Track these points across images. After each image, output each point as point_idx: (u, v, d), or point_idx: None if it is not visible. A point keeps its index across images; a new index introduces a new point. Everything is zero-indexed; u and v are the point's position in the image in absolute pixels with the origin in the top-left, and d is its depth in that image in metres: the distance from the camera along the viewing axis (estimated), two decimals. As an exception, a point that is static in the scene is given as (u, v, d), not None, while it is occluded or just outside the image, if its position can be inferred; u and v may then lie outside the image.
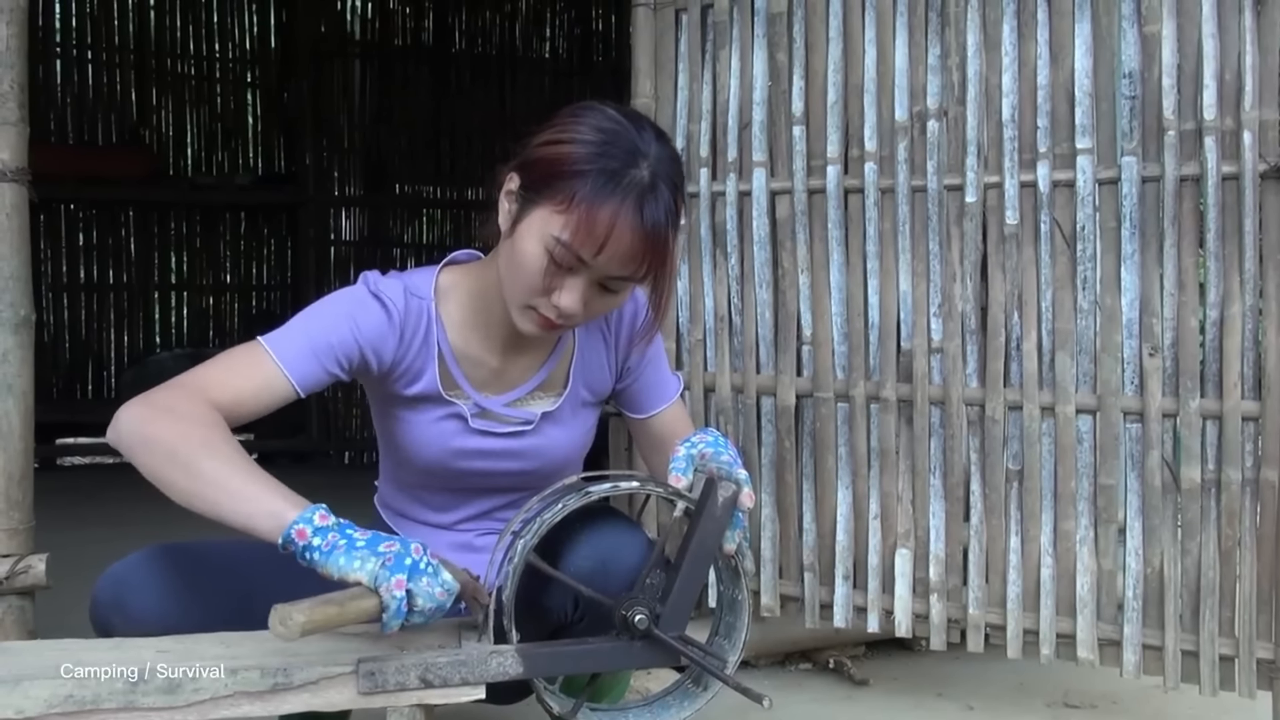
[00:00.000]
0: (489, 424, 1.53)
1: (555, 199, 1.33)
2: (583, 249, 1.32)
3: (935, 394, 1.99)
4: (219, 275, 6.08)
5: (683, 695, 1.48)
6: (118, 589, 1.33)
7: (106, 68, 5.80)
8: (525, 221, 1.37)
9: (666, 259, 1.37)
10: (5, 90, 1.78)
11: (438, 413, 1.51)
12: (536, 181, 1.36)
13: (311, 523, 1.19)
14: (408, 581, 1.18)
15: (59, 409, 5.33)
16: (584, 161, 1.32)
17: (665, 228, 1.35)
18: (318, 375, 1.40)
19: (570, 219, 1.32)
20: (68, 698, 1.11)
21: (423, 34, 6.20)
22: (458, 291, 1.52)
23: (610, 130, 1.35)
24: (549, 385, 1.58)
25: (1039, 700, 2.14)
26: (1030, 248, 1.91)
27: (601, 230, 1.31)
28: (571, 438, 1.59)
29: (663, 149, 1.37)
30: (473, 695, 1.25)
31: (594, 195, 1.31)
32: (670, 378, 1.69)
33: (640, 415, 1.66)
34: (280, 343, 1.39)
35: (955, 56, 1.95)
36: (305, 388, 1.39)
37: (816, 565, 2.10)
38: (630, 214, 1.31)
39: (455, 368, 1.51)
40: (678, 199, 1.38)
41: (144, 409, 1.31)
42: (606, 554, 1.41)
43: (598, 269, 1.35)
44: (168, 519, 2.10)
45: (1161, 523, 1.85)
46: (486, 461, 1.55)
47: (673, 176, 1.37)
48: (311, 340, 1.40)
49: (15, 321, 1.81)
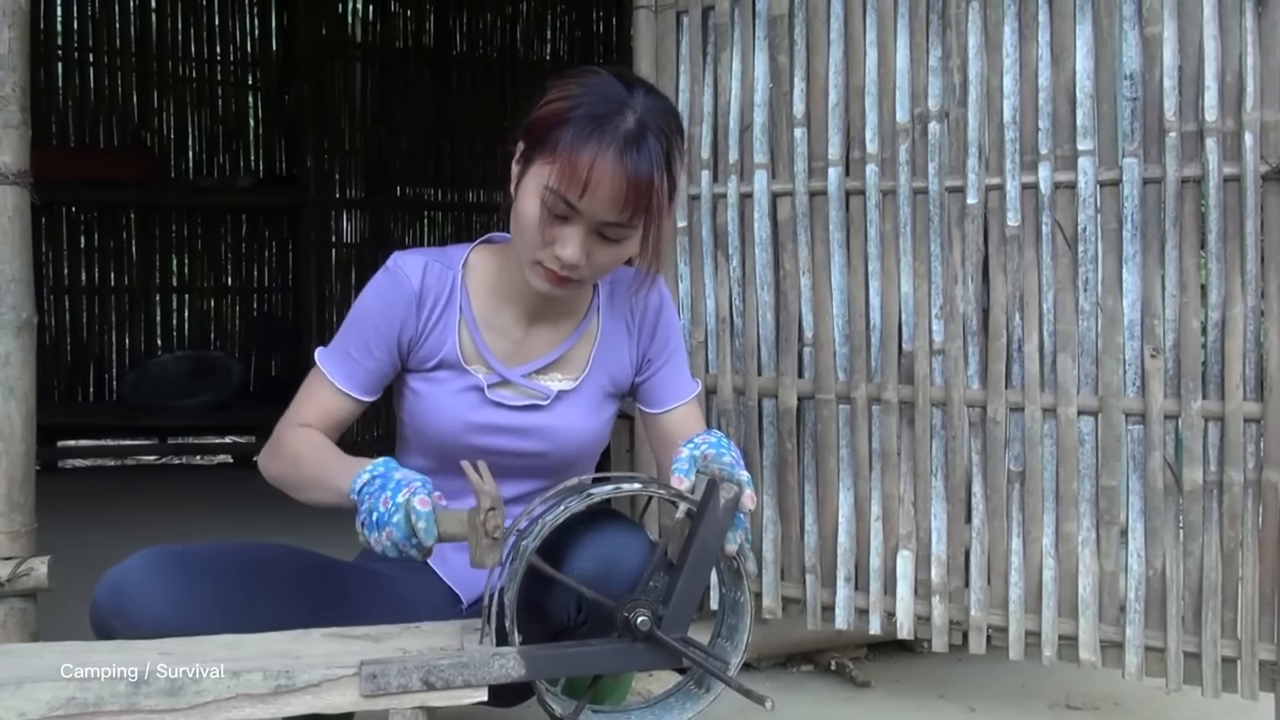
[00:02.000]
0: (505, 395, 1.55)
1: (545, 151, 1.40)
2: (569, 192, 1.38)
3: (937, 395, 1.99)
4: (220, 277, 6.08)
5: (685, 697, 1.48)
6: (118, 592, 1.33)
7: (108, 70, 5.79)
8: (525, 180, 1.44)
9: (652, 204, 1.41)
10: (7, 93, 1.78)
11: (455, 384, 1.55)
12: (533, 140, 1.43)
13: (355, 487, 1.35)
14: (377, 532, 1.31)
15: (60, 411, 5.32)
16: (570, 111, 1.39)
17: (650, 173, 1.39)
18: (372, 380, 1.55)
19: (556, 165, 1.38)
20: (69, 700, 1.11)
21: (424, 36, 6.20)
22: (487, 264, 1.59)
23: (596, 83, 1.42)
24: (569, 364, 1.60)
25: (1041, 702, 2.14)
26: (1032, 249, 1.91)
27: (582, 172, 1.36)
28: (586, 424, 1.60)
29: (653, 100, 1.43)
30: (475, 697, 1.25)
31: (575, 139, 1.37)
32: (688, 377, 1.70)
33: (654, 410, 1.67)
34: (331, 360, 1.55)
35: (956, 58, 1.95)
36: (366, 393, 1.56)
37: (818, 567, 2.10)
38: (612, 157, 1.36)
39: (477, 335, 1.56)
40: (670, 148, 1.42)
41: (264, 460, 1.56)
42: (609, 556, 1.41)
43: (590, 215, 1.40)
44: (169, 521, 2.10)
45: (1163, 524, 1.85)
46: (498, 438, 1.55)
47: (662, 126, 1.41)
48: (354, 349, 1.54)
49: (17, 324, 1.80)
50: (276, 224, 6.13)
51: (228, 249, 6.09)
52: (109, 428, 5.53)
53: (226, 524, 3.68)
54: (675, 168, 1.44)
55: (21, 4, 1.81)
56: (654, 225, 1.43)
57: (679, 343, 1.69)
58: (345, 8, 6.04)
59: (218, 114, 6.05)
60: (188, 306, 6.03)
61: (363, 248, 6.06)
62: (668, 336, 1.67)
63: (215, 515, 3.96)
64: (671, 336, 1.67)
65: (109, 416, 5.47)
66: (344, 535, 1.40)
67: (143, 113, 5.87)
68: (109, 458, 5.62)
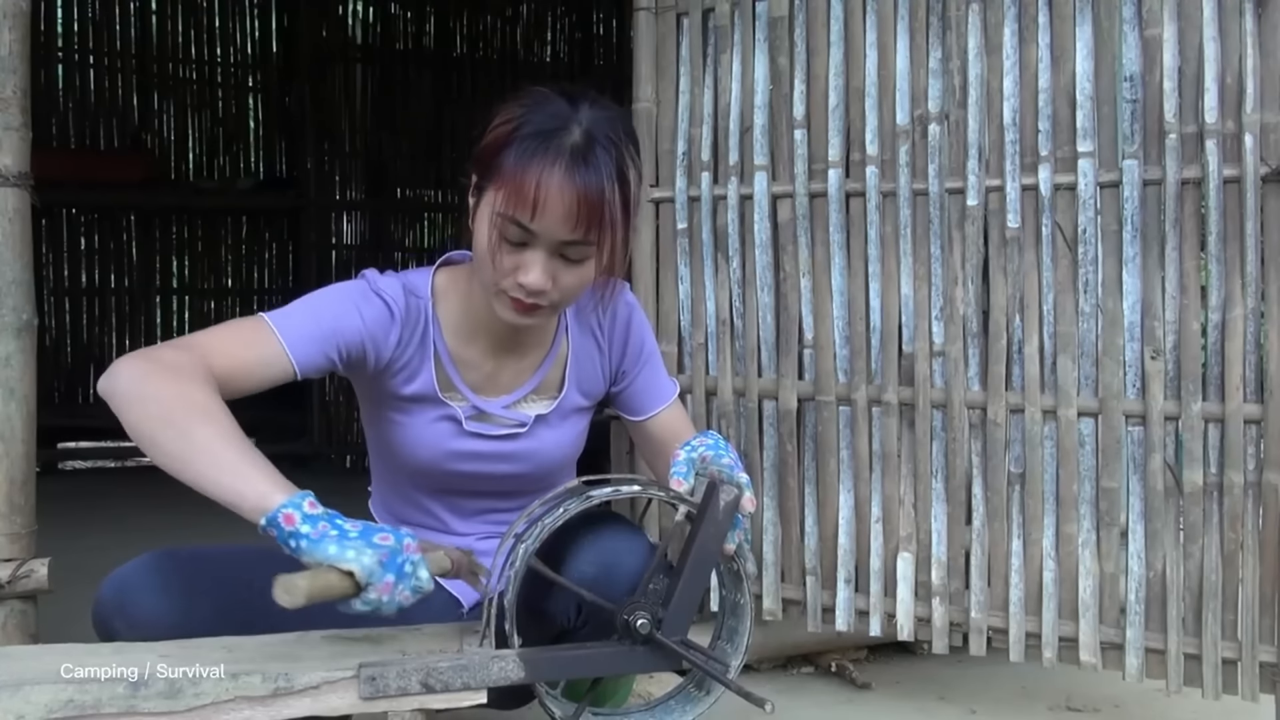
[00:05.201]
0: (483, 426, 1.54)
1: (494, 177, 1.36)
2: (519, 214, 1.34)
3: (937, 397, 1.99)
4: (220, 279, 6.08)
5: (685, 699, 1.48)
6: (120, 593, 1.33)
7: (108, 72, 5.80)
8: (479, 210, 1.40)
9: (605, 217, 1.36)
10: (8, 96, 1.78)
11: (432, 414, 1.52)
12: (482, 168, 1.40)
13: (300, 509, 1.19)
14: (396, 583, 1.18)
15: (61, 413, 5.33)
16: (514, 133, 1.35)
17: (600, 185, 1.34)
18: (318, 360, 1.41)
19: (504, 189, 1.34)
20: (68, 702, 1.11)
21: (424, 38, 6.21)
22: (452, 293, 1.53)
23: (539, 101, 1.38)
24: (544, 389, 1.58)
25: (1041, 704, 2.14)
26: (1032, 251, 1.91)
27: (529, 191, 1.32)
28: (563, 441, 1.60)
29: (599, 111, 1.38)
30: (474, 700, 1.25)
31: (519, 159, 1.33)
32: (667, 380, 1.69)
33: (638, 418, 1.67)
34: (285, 322, 1.40)
35: (956, 60, 1.95)
36: (304, 370, 1.40)
37: (818, 569, 2.09)
38: (559, 173, 1.32)
39: (452, 369, 1.51)
40: (622, 157, 1.38)
41: (146, 364, 1.28)
42: (609, 559, 1.41)
43: (546, 236, 1.36)
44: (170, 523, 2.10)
45: (1164, 526, 1.85)
46: (479, 464, 1.55)
47: (610, 135, 1.37)
48: (317, 323, 1.41)
49: (17, 326, 1.80)
50: (277, 226, 6.14)
51: (228, 251, 6.10)
52: (109, 429, 5.53)
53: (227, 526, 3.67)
54: (628, 176, 1.40)
55: (22, 6, 1.81)
56: (611, 237, 1.38)
57: (653, 347, 1.67)
58: (346, 10, 6.05)
59: (218, 116, 6.06)
60: (188, 308, 6.04)
61: (363, 250, 6.07)
62: (641, 344, 1.65)
63: (216, 518, 3.95)
64: (645, 343, 1.66)
65: (110, 418, 5.43)
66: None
67: (143, 114, 5.87)
68: (109, 459, 5.63)
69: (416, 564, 1.22)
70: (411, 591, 1.21)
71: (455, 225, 6.33)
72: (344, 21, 6.04)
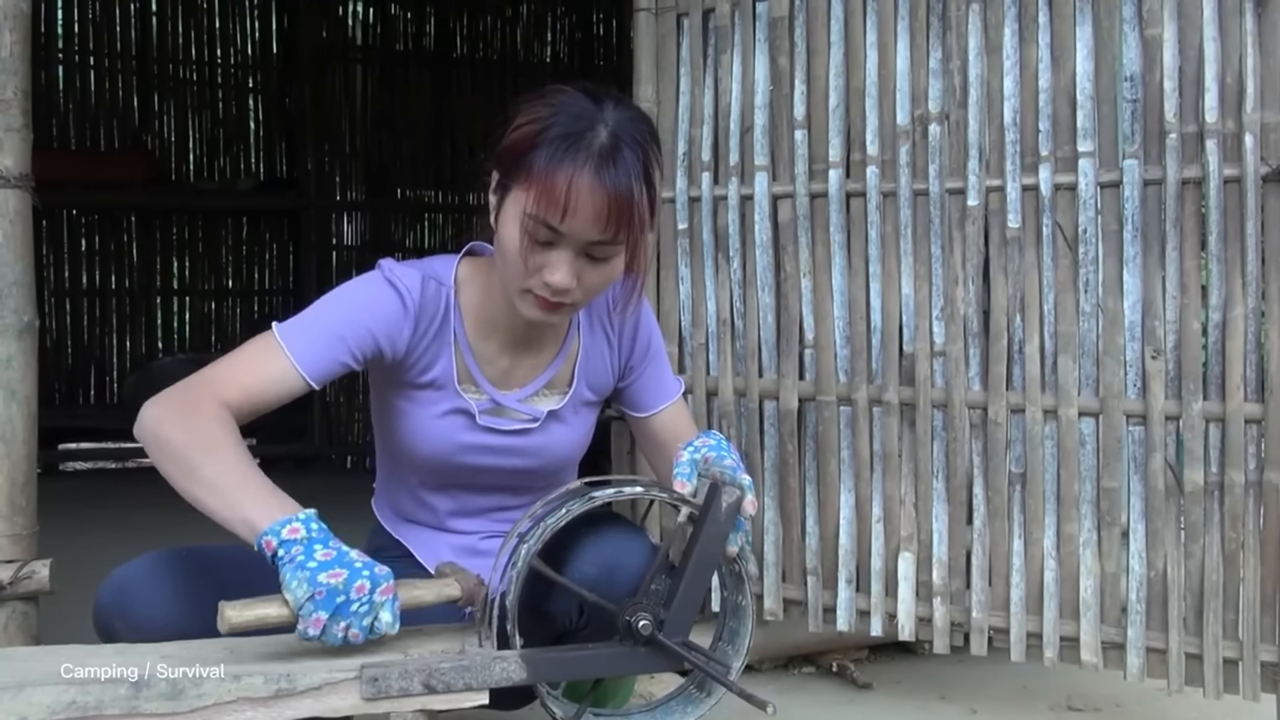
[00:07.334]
0: (495, 420, 1.54)
1: (521, 177, 1.36)
2: (549, 216, 1.34)
3: (938, 397, 1.99)
4: (221, 280, 6.08)
5: (686, 700, 1.48)
6: (121, 594, 1.33)
7: (108, 73, 5.80)
8: (504, 209, 1.41)
9: (634, 217, 1.37)
10: (9, 97, 1.78)
11: (445, 405, 1.52)
12: (507, 168, 1.40)
13: (279, 536, 1.21)
14: (327, 620, 1.18)
15: (62, 414, 5.33)
16: (541, 134, 1.36)
17: (629, 185, 1.35)
18: (330, 367, 1.42)
19: (533, 190, 1.34)
20: (70, 704, 1.11)
21: (424, 39, 6.21)
22: (474, 285, 1.54)
23: (563, 101, 1.38)
24: (555, 384, 1.59)
25: (1042, 703, 2.14)
26: (1032, 251, 1.91)
27: (560, 194, 1.33)
28: (573, 436, 1.61)
29: (624, 111, 1.39)
30: (476, 700, 1.25)
31: (549, 162, 1.34)
32: (671, 378, 1.70)
33: (641, 414, 1.67)
34: (293, 334, 1.41)
35: (957, 60, 1.95)
36: (319, 380, 1.41)
37: (819, 569, 2.09)
38: (589, 175, 1.33)
39: (471, 360, 1.53)
40: (648, 157, 1.39)
41: (160, 410, 1.34)
42: (610, 559, 1.41)
43: (573, 237, 1.36)
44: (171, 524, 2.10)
45: (1165, 525, 1.85)
46: (489, 458, 1.55)
47: (636, 136, 1.38)
48: (325, 332, 1.42)
49: (19, 327, 1.80)
50: (277, 226, 6.14)
51: (228, 251, 6.10)
52: (110, 430, 5.54)
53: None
54: (654, 177, 1.41)
55: (23, 7, 1.81)
56: (638, 236, 1.39)
57: (660, 344, 1.68)
58: (346, 10, 6.05)
59: (218, 117, 6.06)
60: (189, 309, 6.04)
61: (363, 250, 6.07)
62: (648, 341, 1.66)
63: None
64: (652, 340, 1.66)
65: (110, 419, 5.47)
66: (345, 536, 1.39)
67: (143, 115, 5.87)
68: (110, 460, 5.62)
69: (376, 605, 1.21)
70: (362, 631, 1.21)
71: (455, 226, 6.33)
72: (344, 22, 6.05)
